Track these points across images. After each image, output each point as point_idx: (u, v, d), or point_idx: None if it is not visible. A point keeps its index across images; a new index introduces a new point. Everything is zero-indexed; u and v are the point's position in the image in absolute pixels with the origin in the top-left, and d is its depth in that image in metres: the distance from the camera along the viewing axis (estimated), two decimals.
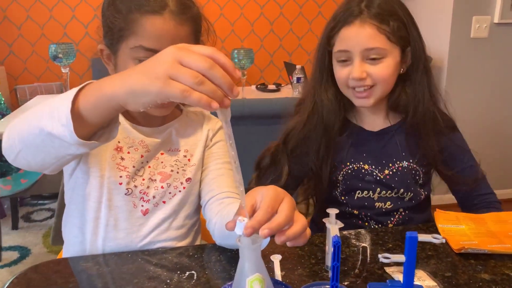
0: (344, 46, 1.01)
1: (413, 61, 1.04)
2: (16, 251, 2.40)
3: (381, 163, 1.09)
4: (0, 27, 3.26)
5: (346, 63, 1.02)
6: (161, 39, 0.81)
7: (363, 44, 0.99)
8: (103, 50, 0.89)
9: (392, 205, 1.09)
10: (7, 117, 2.14)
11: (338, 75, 1.04)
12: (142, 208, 0.90)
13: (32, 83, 3.24)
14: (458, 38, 2.69)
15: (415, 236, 0.53)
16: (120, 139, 0.89)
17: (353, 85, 1.02)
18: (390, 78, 1.03)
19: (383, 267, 0.79)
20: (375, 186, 1.09)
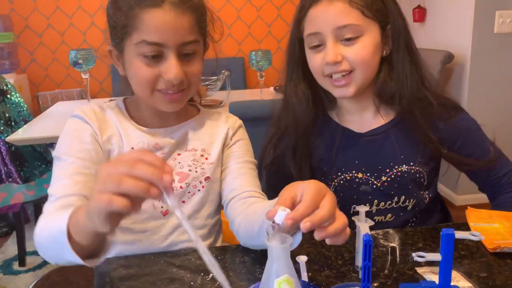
0: (314, 28, 0.90)
1: (393, 39, 0.92)
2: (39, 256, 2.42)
3: (377, 169, 0.97)
4: (22, 36, 3.32)
5: (319, 48, 0.91)
6: (163, 32, 0.80)
7: (333, 22, 0.87)
8: (111, 51, 0.89)
9: (393, 217, 0.99)
10: (30, 124, 2.17)
11: (312, 63, 0.93)
12: (162, 209, 0.89)
13: (53, 90, 3.30)
14: (481, 34, 2.62)
15: (451, 233, 0.50)
16: (134, 145, 0.89)
17: (329, 72, 0.90)
18: (370, 60, 0.90)
19: (414, 268, 0.76)
20: (372, 197, 0.98)
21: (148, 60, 0.82)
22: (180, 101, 0.88)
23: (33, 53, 3.38)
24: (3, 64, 3.16)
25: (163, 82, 0.83)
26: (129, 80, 0.89)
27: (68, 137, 0.88)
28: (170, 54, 0.82)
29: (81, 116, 0.89)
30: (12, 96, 2.34)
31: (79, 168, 0.82)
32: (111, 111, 0.92)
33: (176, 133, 0.93)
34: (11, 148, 2.17)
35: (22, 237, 2.31)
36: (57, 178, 0.82)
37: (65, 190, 0.79)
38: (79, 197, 0.79)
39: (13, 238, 2.53)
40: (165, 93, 0.85)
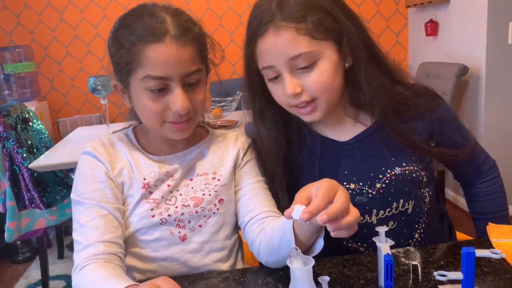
0: (266, 61, 0.86)
1: (352, 54, 0.87)
2: (62, 280, 2.45)
3: (369, 176, 0.93)
4: (42, 64, 3.42)
5: (277, 79, 0.87)
6: (167, 65, 0.81)
7: (284, 54, 0.83)
8: (117, 85, 0.91)
9: (395, 224, 0.94)
10: (51, 150, 2.23)
11: (275, 95, 0.90)
12: (179, 235, 0.91)
13: (73, 116, 3.37)
14: (495, 46, 2.61)
15: (472, 252, 0.51)
16: (146, 176, 0.91)
17: (293, 104, 0.87)
18: (331, 84, 0.86)
19: (436, 286, 0.75)
20: (370, 207, 0.93)
21: (154, 94, 0.84)
22: (187, 129, 0.90)
23: (53, 80, 3.47)
24: (25, 92, 3.25)
25: (170, 114, 0.85)
26: (137, 112, 0.91)
27: (82, 177, 0.90)
28: (175, 86, 0.83)
29: (93, 153, 0.91)
30: (34, 123, 2.41)
31: (97, 211, 0.85)
32: (121, 142, 0.94)
33: (186, 158, 0.95)
34: (34, 174, 2.22)
35: (45, 261, 2.35)
36: (78, 224, 0.86)
37: (90, 238, 0.83)
38: (105, 244, 0.82)
39: (36, 263, 2.57)
40: (173, 124, 0.87)
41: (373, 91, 0.89)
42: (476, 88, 2.74)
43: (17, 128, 2.25)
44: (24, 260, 2.70)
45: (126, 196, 0.90)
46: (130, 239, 0.89)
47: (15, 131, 2.22)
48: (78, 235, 0.85)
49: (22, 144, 2.24)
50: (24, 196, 2.21)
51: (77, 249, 0.83)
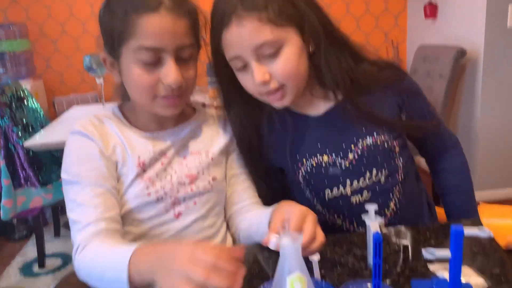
0: (232, 52, 0.87)
1: (313, 39, 0.89)
2: (59, 258, 2.47)
3: (341, 147, 0.95)
4: (38, 43, 3.39)
5: (245, 68, 0.88)
6: (160, 36, 0.80)
7: (249, 43, 0.84)
8: (106, 58, 0.89)
9: (370, 194, 0.95)
10: (47, 128, 2.22)
11: (245, 85, 0.91)
12: (174, 212, 0.91)
13: (69, 95, 3.35)
14: (494, 29, 2.60)
15: (460, 230, 0.51)
16: (141, 154, 0.90)
17: (263, 91, 0.89)
18: (297, 70, 0.87)
19: (426, 265, 0.76)
20: (344, 178, 0.95)
21: (146, 66, 0.82)
22: (178, 105, 0.89)
23: (49, 59, 3.44)
24: (20, 71, 3.22)
25: (162, 88, 0.84)
26: (127, 87, 0.89)
27: (75, 156, 0.87)
28: (169, 58, 0.82)
29: (84, 132, 0.88)
30: (29, 102, 2.39)
31: (94, 190, 0.84)
32: (110, 121, 0.92)
33: (178, 135, 0.95)
34: (29, 153, 2.22)
35: (42, 240, 2.37)
36: (75, 204, 0.84)
37: (89, 217, 0.81)
38: (106, 221, 0.82)
39: (33, 241, 2.59)
40: (164, 98, 0.85)
41: (334, 74, 0.91)
42: (474, 71, 2.73)
43: (11, 106, 2.23)
44: (21, 238, 2.72)
45: (119, 174, 0.89)
46: (124, 217, 0.89)
47: (10, 109, 2.21)
48: (76, 214, 0.83)
49: (17, 122, 2.23)
50: (20, 175, 2.21)
51: (76, 229, 0.82)
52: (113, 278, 0.69)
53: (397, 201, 0.98)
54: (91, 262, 0.76)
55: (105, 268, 0.72)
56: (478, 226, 0.56)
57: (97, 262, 0.75)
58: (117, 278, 0.68)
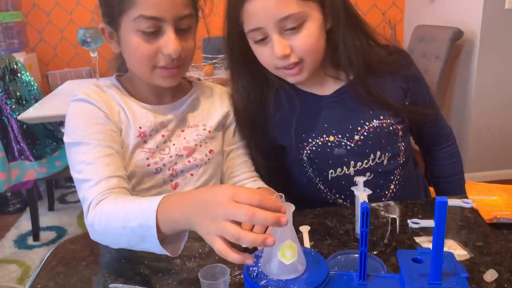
0: (255, 23, 0.86)
1: (333, 17, 0.90)
2: (53, 231, 2.50)
3: (348, 129, 0.96)
4: (31, 15, 3.33)
5: (264, 41, 0.88)
6: (160, 5, 0.81)
7: (274, 15, 0.84)
8: (104, 29, 0.89)
9: (372, 175, 0.97)
10: (40, 102, 2.21)
11: (261, 57, 0.91)
12: (171, 183, 0.93)
13: (63, 69, 3.32)
14: (491, 10, 2.59)
15: (445, 201, 0.53)
16: (142, 124, 0.91)
17: (281, 65, 0.89)
18: (317, 45, 0.88)
19: (413, 237, 0.79)
20: (348, 158, 0.96)
21: (146, 36, 0.83)
22: (177, 76, 0.89)
23: (42, 32, 3.39)
24: (13, 43, 3.18)
25: (162, 58, 0.85)
26: (125, 57, 0.89)
27: (82, 120, 0.87)
28: (168, 28, 0.83)
29: (87, 99, 0.88)
30: (22, 75, 2.37)
31: (104, 150, 0.83)
32: (111, 90, 0.93)
33: (178, 109, 0.96)
34: (23, 126, 2.21)
35: (36, 213, 2.38)
36: (84, 164, 0.82)
37: (101, 173, 0.80)
38: (118, 179, 0.81)
39: (27, 214, 2.61)
40: (163, 69, 0.86)
41: (349, 52, 0.92)
42: (470, 52, 2.73)
43: (5, 79, 2.22)
44: (15, 211, 2.74)
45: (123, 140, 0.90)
46: None
47: (3, 81, 2.20)
48: (87, 173, 0.81)
49: (11, 95, 2.22)
50: (14, 148, 2.21)
51: (88, 186, 0.79)
52: (137, 226, 0.66)
53: (397, 183, 1.00)
54: (110, 213, 0.73)
55: (128, 217, 0.68)
56: (461, 198, 0.58)
57: (118, 212, 0.71)
58: (143, 224, 0.65)
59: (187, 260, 0.75)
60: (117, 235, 0.71)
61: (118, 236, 0.71)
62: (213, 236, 0.57)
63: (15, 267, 2.15)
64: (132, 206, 0.70)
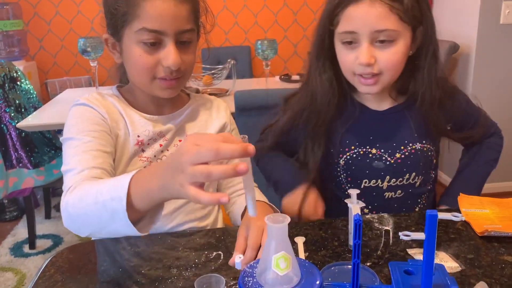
0: (351, 27, 0.90)
1: (424, 42, 0.94)
2: (49, 239, 2.49)
3: (391, 146, 1.00)
4: (31, 23, 3.36)
5: (352, 45, 0.92)
6: (163, 19, 0.83)
7: (372, 26, 0.88)
8: (108, 39, 0.92)
9: (402, 193, 1.02)
10: (39, 110, 2.22)
11: (343, 59, 0.95)
12: None
13: (62, 77, 3.34)
14: (487, 24, 2.63)
15: (435, 214, 0.54)
16: (140, 133, 0.93)
17: (360, 72, 0.93)
18: (399, 65, 0.94)
19: (405, 249, 0.80)
20: (385, 173, 1.01)
21: (147, 48, 0.85)
22: (176, 88, 0.92)
23: (42, 40, 3.42)
24: (13, 51, 3.21)
25: (162, 69, 0.87)
26: (127, 68, 0.92)
27: (79, 119, 0.88)
28: (169, 41, 0.85)
29: (88, 104, 0.91)
30: (22, 83, 2.39)
31: (96, 145, 0.84)
32: (112, 98, 0.95)
33: (177, 119, 0.98)
34: (21, 134, 2.22)
35: (32, 220, 2.38)
36: (73, 155, 0.82)
37: (87, 163, 0.80)
38: (103, 171, 0.81)
39: (24, 222, 2.61)
40: (163, 80, 0.88)
41: (425, 82, 0.97)
42: (466, 66, 2.77)
43: (4, 86, 2.23)
44: (12, 219, 2.74)
45: (119, 150, 0.91)
46: None
47: (3, 89, 2.21)
48: (73, 163, 0.81)
49: (10, 103, 2.23)
50: (12, 155, 2.22)
51: (71, 174, 0.79)
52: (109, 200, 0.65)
53: (422, 207, 1.04)
54: (84, 191, 0.72)
55: (101, 191, 0.68)
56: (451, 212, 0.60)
57: (91, 189, 0.70)
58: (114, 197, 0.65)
59: (183, 269, 0.76)
60: (88, 213, 0.69)
61: (89, 214, 0.69)
62: (186, 186, 0.56)
63: (10, 275, 2.15)
64: (106, 182, 0.70)
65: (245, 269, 0.64)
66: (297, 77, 2.85)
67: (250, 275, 0.63)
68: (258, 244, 0.75)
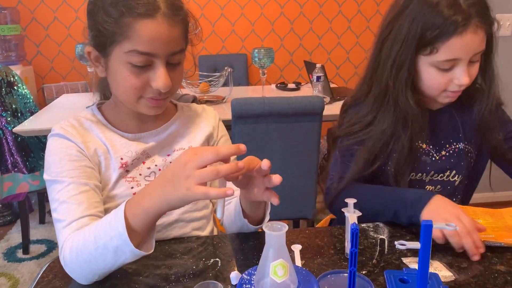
0: (454, 55, 0.93)
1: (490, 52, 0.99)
2: (43, 244, 2.48)
3: (439, 143, 1.07)
4: (29, 28, 3.37)
5: (448, 70, 0.96)
6: (155, 43, 0.80)
7: (475, 50, 0.93)
8: (91, 52, 0.86)
9: (441, 188, 1.08)
10: (36, 115, 2.22)
11: (436, 81, 0.97)
12: None
13: (59, 82, 3.34)
14: None
15: (430, 224, 0.56)
16: (123, 155, 0.91)
17: (454, 90, 0.98)
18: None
19: (400, 258, 0.81)
20: (430, 168, 1.07)
21: (136, 69, 0.81)
22: (163, 106, 0.90)
23: (39, 45, 3.42)
24: (10, 55, 3.21)
25: (150, 90, 0.84)
26: (112, 84, 0.88)
27: (56, 157, 0.86)
28: (160, 64, 0.82)
29: (63, 134, 0.88)
30: (19, 88, 2.39)
31: (77, 188, 0.83)
32: (90, 123, 0.92)
33: (161, 135, 0.95)
34: (17, 138, 2.22)
35: (27, 225, 2.37)
36: (58, 202, 0.82)
37: (74, 214, 0.80)
38: (90, 217, 0.81)
39: (17, 227, 2.60)
40: (150, 100, 0.86)
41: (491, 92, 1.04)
42: None
43: (1, 91, 2.23)
44: (5, 223, 2.72)
45: (103, 177, 0.90)
46: None
47: (0, 94, 2.21)
48: (60, 213, 0.81)
49: (7, 107, 2.23)
50: (7, 160, 2.22)
51: (61, 227, 0.80)
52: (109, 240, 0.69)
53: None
54: (79, 242, 0.74)
55: (98, 235, 0.70)
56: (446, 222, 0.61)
57: (87, 237, 0.73)
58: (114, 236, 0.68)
59: (181, 276, 0.77)
60: (92, 260, 0.73)
61: (92, 261, 0.73)
62: (193, 188, 0.63)
63: (3, 280, 2.14)
64: (99, 224, 0.73)
65: (243, 276, 0.65)
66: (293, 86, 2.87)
67: (248, 282, 0.64)
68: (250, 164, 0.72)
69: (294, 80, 3.45)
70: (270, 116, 1.83)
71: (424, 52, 0.96)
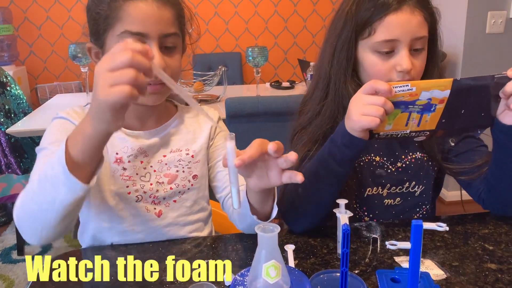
0: (391, 35, 0.90)
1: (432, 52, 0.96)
2: (38, 246, 2.48)
3: (394, 154, 1.03)
4: (21, 28, 3.35)
5: (389, 55, 0.92)
6: (145, 22, 0.83)
7: (413, 33, 0.89)
8: (91, 48, 0.90)
9: (401, 200, 1.03)
10: (29, 116, 2.22)
11: (378, 68, 0.93)
12: (155, 211, 0.94)
13: (52, 82, 3.33)
14: (473, 34, 2.68)
15: (420, 224, 0.56)
16: (118, 150, 0.91)
17: (398, 79, 0.92)
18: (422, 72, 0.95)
19: (392, 257, 0.82)
20: (386, 181, 1.02)
21: None
22: (161, 93, 0.89)
23: (32, 45, 3.41)
24: (3, 56, 3.19)
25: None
26: None
27: (53, 131, 0.88)
28: (152, 44, 0.84)
29: (66, 117, 0.90)
30: (12, 88, 2.38)
31: None
32: None
33: (160, 134, 0.96)
34: (11, 139, 2.21)
35: None
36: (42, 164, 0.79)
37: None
38: None
39: (12, 228, 2.59)
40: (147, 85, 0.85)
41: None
42: (452, 75, 2.81)
43: None
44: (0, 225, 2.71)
45: None
46: (106, 214, 0.91)
47: None
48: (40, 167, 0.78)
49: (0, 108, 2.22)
50: (1, 161, 2.21)
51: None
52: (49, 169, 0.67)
53: (420, 216, 1.05)
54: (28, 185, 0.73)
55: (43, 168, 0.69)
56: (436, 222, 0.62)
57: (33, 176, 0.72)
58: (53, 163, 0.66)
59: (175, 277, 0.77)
60: (34, 198, 0.70)
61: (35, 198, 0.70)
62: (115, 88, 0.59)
63: None
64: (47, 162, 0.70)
65: (236, 277, 0.65)
66: (288, 84, 2.87)
67: (241, 283, 0.64)
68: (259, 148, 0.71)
69: (288, 79, 3.46)
70: (264, 115, 1.83)
71: (363, 35, 0.93)
